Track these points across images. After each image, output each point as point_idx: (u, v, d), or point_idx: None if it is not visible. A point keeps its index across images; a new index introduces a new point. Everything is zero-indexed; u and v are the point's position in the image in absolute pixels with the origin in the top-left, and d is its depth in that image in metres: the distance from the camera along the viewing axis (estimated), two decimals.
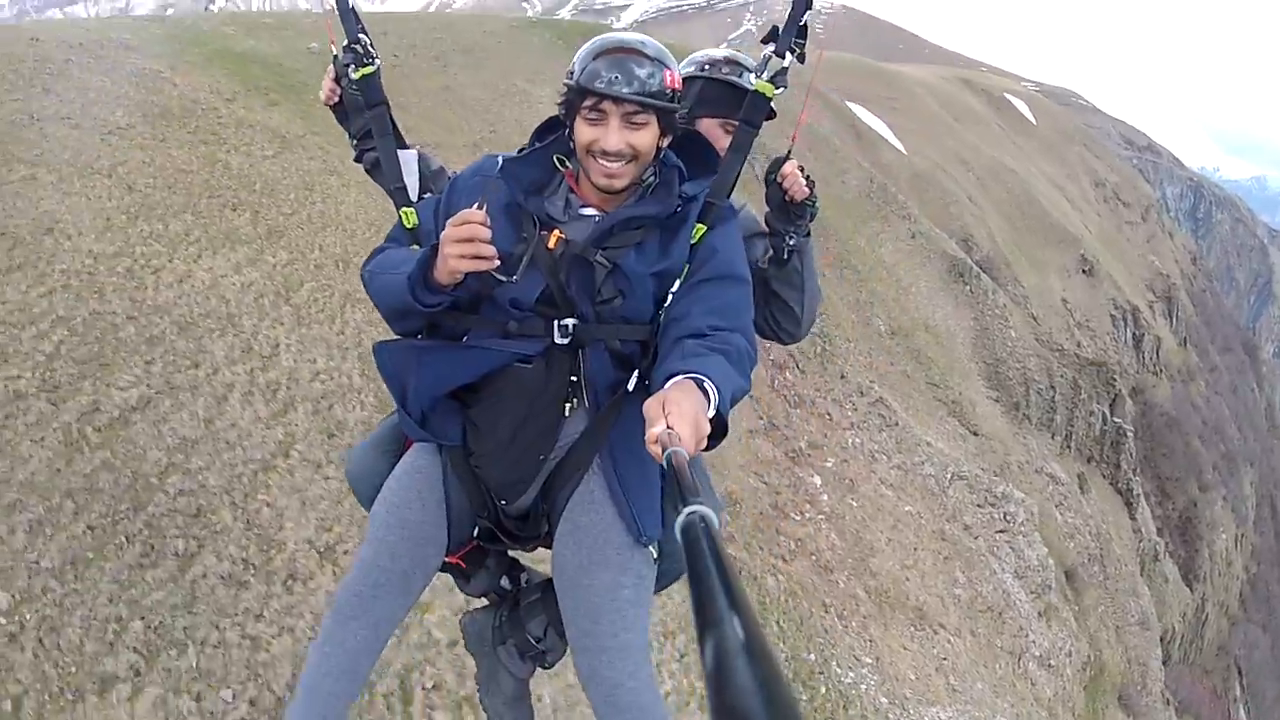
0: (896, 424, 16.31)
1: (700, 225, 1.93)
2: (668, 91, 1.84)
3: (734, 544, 10.07)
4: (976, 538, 15.52)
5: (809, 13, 2.02)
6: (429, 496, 2.00)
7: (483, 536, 2.14)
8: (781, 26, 2.04)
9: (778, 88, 2.02)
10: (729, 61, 2.41)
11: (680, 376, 1.53)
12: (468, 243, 1.70)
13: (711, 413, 1.47)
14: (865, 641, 10.85)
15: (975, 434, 20.02)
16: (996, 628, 14.10)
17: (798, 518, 12.14)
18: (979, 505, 16.23)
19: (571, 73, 1.86)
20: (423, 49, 18.01)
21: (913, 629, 12.16)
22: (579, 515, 1.95)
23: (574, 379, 1.90)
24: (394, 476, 2.05)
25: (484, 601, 2.50)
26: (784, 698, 0.49)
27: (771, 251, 2.28)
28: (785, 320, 2.37)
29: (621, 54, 1.82)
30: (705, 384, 1.51)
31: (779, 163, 2.24)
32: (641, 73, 1.81)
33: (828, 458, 14.16)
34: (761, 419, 13.50)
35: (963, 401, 20.57)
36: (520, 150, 2.01)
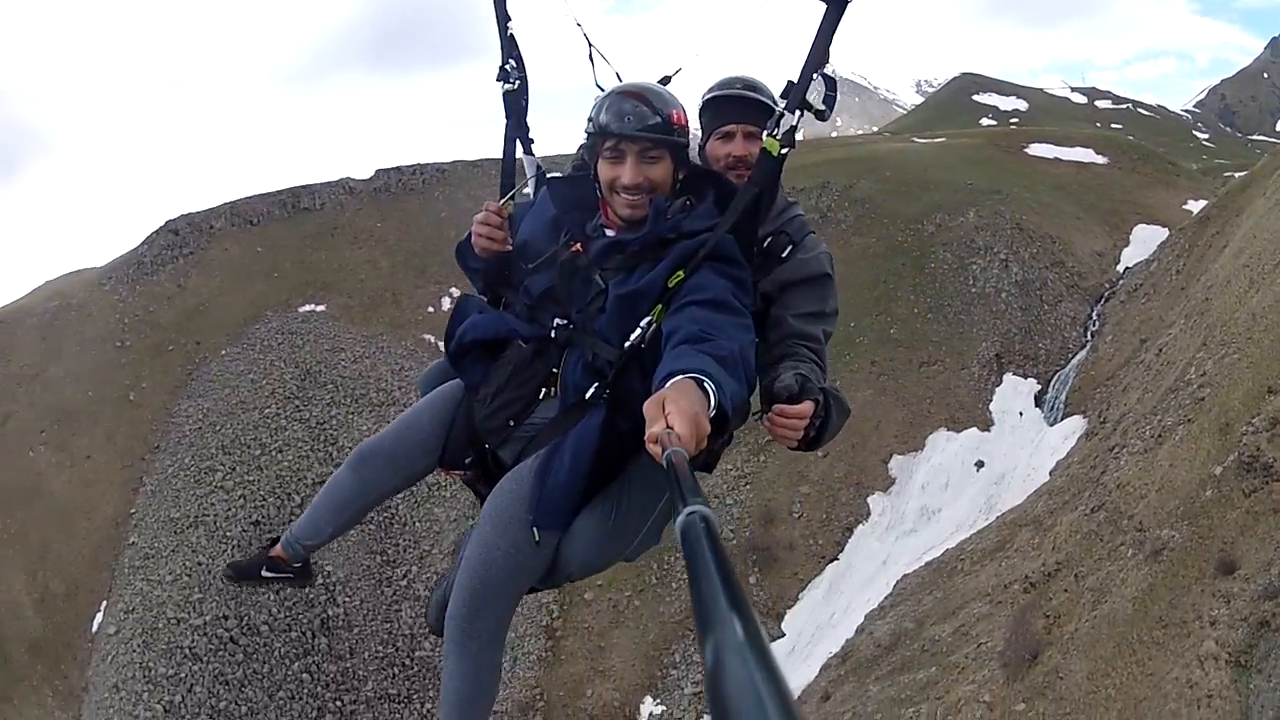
0: None
1: (679, 272, 2.11)
2: (676, 128, 2.13)
3: None
4: None
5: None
6: (439, 415, 2.51)
7: (473, 469, 2.55)
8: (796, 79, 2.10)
9: (783, 146, 2.13)
10: (736, 82, 2.54)
11: (680, 377, 1.63)
12: (485, 226, 2.32)
13: (713, 411, 1.57)
14: None
15: None
16: None
17: None
18: None
19: (591, 119, 2.16)
20: None
21: None
22: (506, 480, 2.34)
23: (556, 371, 2.28)
24: (431, 393, 2.61)
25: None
26: (784, 696, 0.51)
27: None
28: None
29: (632, 97, 2.12)
30: (705, 383, 1.61)
31: (783, 392, 2.14)
32: (652, 113, 2.09)
33: None
34: None
35: None
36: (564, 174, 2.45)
